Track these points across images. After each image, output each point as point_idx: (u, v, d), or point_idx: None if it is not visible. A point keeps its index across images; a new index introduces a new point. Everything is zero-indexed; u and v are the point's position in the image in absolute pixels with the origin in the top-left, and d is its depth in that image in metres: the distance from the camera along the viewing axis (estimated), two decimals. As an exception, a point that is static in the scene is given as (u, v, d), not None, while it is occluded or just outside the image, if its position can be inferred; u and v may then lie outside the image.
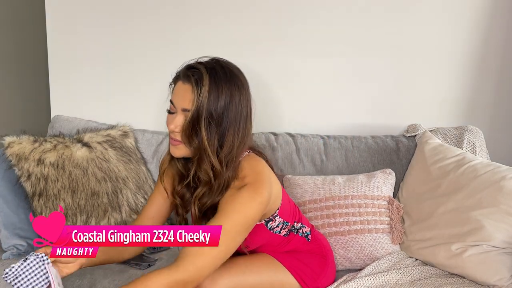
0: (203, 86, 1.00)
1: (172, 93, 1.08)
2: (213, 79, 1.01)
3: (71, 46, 1.92)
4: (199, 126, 1.00)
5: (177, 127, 1.03)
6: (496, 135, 1.75)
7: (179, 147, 1.05)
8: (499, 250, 1.24)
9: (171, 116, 1.06)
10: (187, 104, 1.01)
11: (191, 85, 1.01)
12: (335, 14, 1.74)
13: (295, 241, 1.24)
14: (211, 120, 1.00)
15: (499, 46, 1.69)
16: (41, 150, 1.45)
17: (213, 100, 1.00)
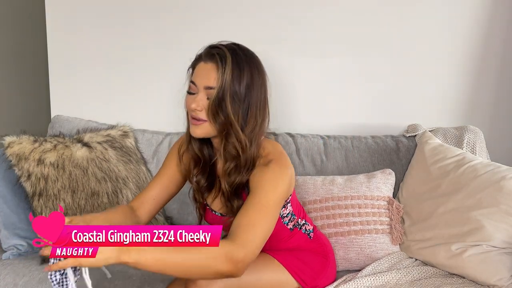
0: (227, 64, 1.03)
1: (192, 76, 1.10)
2: (235, 59, 1.04)
3: (71, 46, 1.92)
4: (225, 102, 1.02)
5: (199, 105, 1.05)
6: (496, 135, 1.75)
7: (201, 126, 1.07)
8: (499, 250, 1.24)
9: (191, 96, 1.08)
10: (211, 82, 1.03)
11: (215, 64, 1.04)
12: (335, 14, 1.74)
13: (298, 237, 1.25)
14: (235, 96, 1.03)
15: (499, 46, 1.69)
16: (41, 150, 1.46)
17: (236, 78, 1.03)
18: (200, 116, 1.06)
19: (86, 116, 1.91)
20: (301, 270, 1.17)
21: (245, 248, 0.91)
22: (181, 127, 1.90)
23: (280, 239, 1.22)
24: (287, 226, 1.22)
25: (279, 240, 1.22)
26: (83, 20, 1.89)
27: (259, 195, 1.00)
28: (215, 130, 1.06)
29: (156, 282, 1.31)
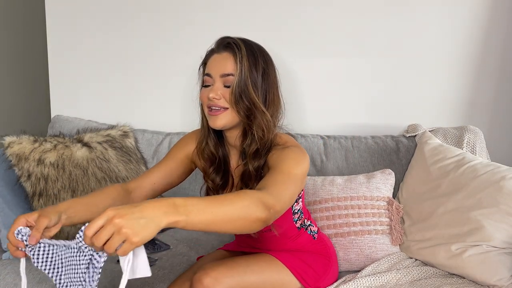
0: (243, 51, 1.05)
1: (205, 70, 1.11)
2: (248, 47, 1.08)
3: (71, 46, 1.92)
4: (247, 86, 1.04)
5: (217, 94, 1.05)
6: (496, 135, 1.75)
7: (221, 116, 1.07)
8: (499, 250, 1.24)
9: (207, 89, 1.08)
10: (228, 69, 1.05)
11: (230, 52, 1.06)
12: (335, 14, 1.74)
13: (303, 238, 1.26)
14: (254, 82, 1.06)
15: (499, 46, 1.69)
16: (41, 150, 1.46)
17: (252, 65, 1.06)
18: (220, 104, 1.06)
19: (86, 116, 1.91)
20: (304, 271, 1.18)
21: (274, 197, 0.89)
22: (181, 127, 1.91)
23: (288, 237, 1.23)
24: (296, 224, 1.23)
25: (287, 238, 1.23)
26: (83, 20, 1.89)
27: (282, 167, 0.99)
28: (236, 116, 1.07)
29: (156, 282, 1.31)
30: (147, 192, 1.16)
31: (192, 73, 1.87)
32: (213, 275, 1.02)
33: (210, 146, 1.16)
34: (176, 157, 1.21)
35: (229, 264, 1.08)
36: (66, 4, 1.89)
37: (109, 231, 0.65)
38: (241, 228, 0.83)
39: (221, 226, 0.79)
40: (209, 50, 1.13)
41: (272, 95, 1.10)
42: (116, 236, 0.65)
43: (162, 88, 1.91)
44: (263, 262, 1.14)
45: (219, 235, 1.65)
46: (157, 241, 1.56)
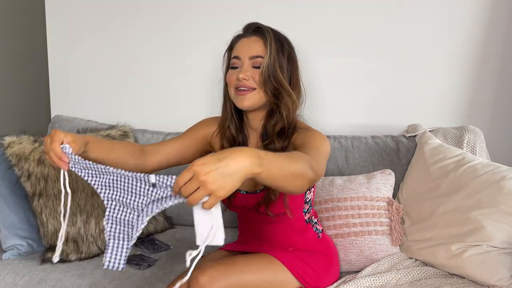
0: (270, 35, 1.12)
1: (233, 52, 1.17)
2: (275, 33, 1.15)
3: (71, 46, 1.92)
4: (274, 68, 1.11)
5: (246, 75, 1.11)
6: (496, 135, 1.75)
7: (248, 96, 1.12)
8: (499, 250, 1.24)
9: (235, 70, 1.15)
10: (257, 51, 1.12)
11: (258, 36, 1.13)
12: (335, 13, 1.74)
13: (309, 234, 1.28)
14: (281, 65, 1.13)
15: (499, 46, 1.69)
16: (41, 150, 1.45)
17: (279, 49, 1.13)
18: (248, 84, 1.12)
19: (86, 116, 1.91)
20: (303, 270, 1.18)
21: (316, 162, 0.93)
22: (181, 127, 1.91)
23: (295, 230, 1.25)
24: (304, 217, 1.26)
25: (294, 231, 1.25)
26: (83, 20, 1.89)
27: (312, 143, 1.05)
28: (263, 97, 1.13)
29: (156, 282, 1.31)
30: (161, 160, 1.19)
31: (192, 73, 1.88)
32: (209, 274, 1.02)
33: (232, 129, 1.20)
34: (195, 135, 1.26)
35: (226, 263, 1.08)
36: (66, 4, 1.89)
37: (195, 185, 0.71)
38: (299, 185, 0.86)
39: (286, 182, 0.82)
40: (236, 35, 1.20)
41: (295, 79, 1.17)
42: (202, 190, 0.70)
43: (162, 88, 1.91)
44: (261, 262, 1.14)
45: (219, 235, 1.65)
46: (157, 241, 1.56)
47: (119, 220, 0.88)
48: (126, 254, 0.89)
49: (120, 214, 0.88)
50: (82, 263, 1.40)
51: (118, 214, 0.88)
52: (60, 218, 1.42)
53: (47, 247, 1.43)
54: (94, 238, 1.45)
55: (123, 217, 0.88)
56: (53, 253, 1.39)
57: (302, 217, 1.26)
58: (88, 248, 1.43)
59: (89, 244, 1.44)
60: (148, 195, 0.83)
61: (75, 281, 1.29)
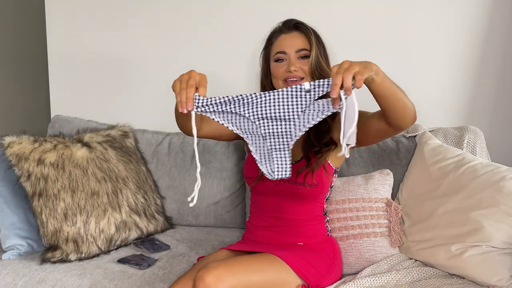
0: (308, 29, 1.27)
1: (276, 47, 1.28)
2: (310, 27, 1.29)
3: (71, 46, 1.92)
4: (319, 59, 1.25)
5: (296, 66, 1.24)
6: (496, 135, 1.75)
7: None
8: (499, 250, 1.24)
9: (282, 63, 1.27)
10: (302, 44, 1.26)
11: (299, 32, 1.27)
12: (335, 13, 1.74)
13: (319, 229, 1.33)
14: (322, 56, 1.28)
15: (499, 46, 1.69)
16: (41, 150, 1.45)
17: (319, 42, 1.28)
18: (298, 74, 1.24)
19: (86, 116, 1.91)
20: (305, 268, 1.19)
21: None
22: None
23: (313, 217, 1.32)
24: (324, 205, 1.35)
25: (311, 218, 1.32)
26: (83, 21, 1.89)
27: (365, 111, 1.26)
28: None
29: (156, 282, 1.31)
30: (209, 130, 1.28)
31: (192, 73, 1.88)
32: (215, 273, 1.03)
33: None
34: None
35: (231, 262, 1.09)
36: (66, 4, 1.89)
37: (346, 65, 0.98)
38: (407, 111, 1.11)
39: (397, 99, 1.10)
40: (273, 32, 1.31)
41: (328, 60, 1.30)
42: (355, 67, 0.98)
43: (162, 88, 1.91)
44: (265, 261, 1.15)
45: (219, 236, 1.65)
46: (157, 241, 1.56)
47: (277, 134, 1.00)
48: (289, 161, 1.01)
49: (277, 128, 0.99)
50: (82, 263, 1.40)
51: (274, 128, 0.99)
52: (59, 217, 1.42)
53: (47, 247, 1.43)
54: (94, 238, 1.45)
55: (280, 129, 0.99)
56: (53, 253, 1.40)
57: (322, 204, 1.34)
58: (88, 248, 1.43)
59: (89, 244, 1.44)
60: (303, 102, 0.97)
61: (75, 281, 1.29)
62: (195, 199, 1.00)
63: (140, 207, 1.61)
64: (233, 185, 1.73)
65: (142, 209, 1.61)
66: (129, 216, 1.56)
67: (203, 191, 1.71)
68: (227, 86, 1.86)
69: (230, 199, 1.73)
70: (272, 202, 1.31)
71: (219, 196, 1.72)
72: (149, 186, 1.69)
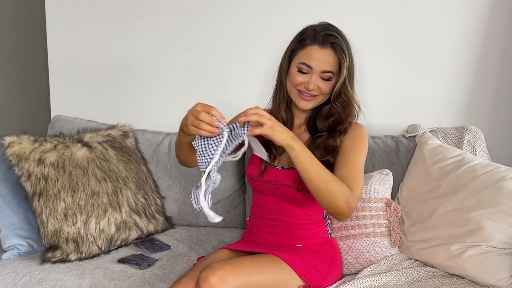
0: (344, 52, 1.18)
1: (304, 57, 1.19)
2: (346, 43, 1.21)
3: (71, 46, 1.92)
4: (346, 86, 1.20)
5: (315, 86, 1.19)
6: (496, 135, 1.75)
7: (313, 101, 1.23)
8: (499, 250, 1.24)
9: (303, 76, 1.20)
10: (328, 66, 1.18)
11: (332, 50, 1.18)
12: (335, 13, 1.74)
13: (320, 231, 1.32)
14: (350, 78, 1.21)
15: (499, 46, 1.70)
16: (41, 150, 1.46)
17: (349, 61, 1.20)
18: (314, 93, 1.21)
19: (86, 116, 1.91)
20: (306, 270, 1.19)
21: (356, 198, 1.12)
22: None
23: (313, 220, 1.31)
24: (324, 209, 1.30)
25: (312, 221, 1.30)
26: (83, 20, 1.89)
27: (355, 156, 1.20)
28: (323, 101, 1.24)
29: (156, 282, 1.31)
30: None
31: (193, 72, 1.88)
32: (219, 274, 1.04)
33: (282, 112, 1.30)
34: None
35: (234, 263, 1.10)
36: (66, 4, 1.89)
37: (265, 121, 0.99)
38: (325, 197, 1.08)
39: (315, 180, 1.06)
40: (305, 37, 1.20)
41: (354, 80, 1.25)
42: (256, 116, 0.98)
43: (162, 88, 1.91)
44: (267, 262, 1.16)
45: (219, 236, 1.65)
46: (157, 241, 1.56)
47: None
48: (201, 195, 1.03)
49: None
50: (82, 263, 1.40)
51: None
52: (59, 217, 1.42)
53: (47, 247, 1.43)
54: (94, 238, 1.45)
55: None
56: (53, 253, 1.40)
57: (322, 209, 1.32)
58: (88, 248, 1.43)
59: (89, 244, 1.44)
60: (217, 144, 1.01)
61: (75, 281, 1.29)
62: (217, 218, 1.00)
63: (140, 207, 1.61)
64: (233, 185, 1.73)
65: (142, 209, 1.61)
66: (129, 216, 1.56)
67: (203, 191, 1.71)
68: (227, 86, 1.86)
69: (230, 199, 1.73)
70: (272, 203, 1.31)
71: (219, 196, 1.72)
72: (149, 186, 1.69)
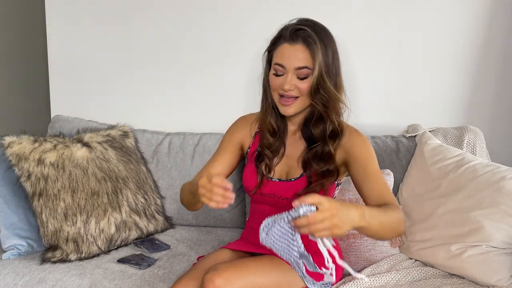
0: (316, 43, 1.08)
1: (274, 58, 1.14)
2: (318, 35, 1.09)
3: (71, 46, 1.92)
4: (323, 80, 1.09)
5: (292, 85, 1.10)
6: (496, 135, 1.75)
7: (293, 105, 1.14)
8: (499, 250, 1.24)
9: (279, 78, 1.13)
10: (302, 62, 1.09)
11: (302, 44, 1.08)
12: (335, 13, 1.74)
13: None
14: (328, 70, 1.10)
15: (499, 46, 1.69)
16: (41, 150, 1.46)
17: (324, 53, 1.09)
18: (293, 94, 1.12)
19: (86, 116, 1.91)
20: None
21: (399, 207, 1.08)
22: (181, 127, 1.91)
23: None
24: None
25: None
26: (83, 20, 1.89)
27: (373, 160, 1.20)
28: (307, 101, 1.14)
29: (156, 282, 1.31)
30: None
31: (191, 73, 1.88)
32: (225, 276, 1.04)
33: (272, 121, 1.23)
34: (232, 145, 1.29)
35: (239, 265, 1.10)
36: (66, 5, 1.89)
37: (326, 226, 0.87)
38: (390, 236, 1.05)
39: (382, 233, 1.01)
40: (277, 37, 1.14)
41: (340, 76, 1.15)
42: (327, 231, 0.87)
43: (162, 88, 1.91)
44: (270, 264, 1.16)
45: (218, 235, 1.65)
46: (157, 241, 1.56)
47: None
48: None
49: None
50: (82, 263, 1.40)
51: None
52: (59, 217, 1.42)
53: (47, 247, 1.43)
54: (94, 238, 1.45)
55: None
56: (53, 253, 1.40)
57: None
58: (88, 248, 1.43)
59: (89, 244, 1.44)
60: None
61: (75, 281, 1.29)
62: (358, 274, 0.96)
63: (140, 207, 1.61)
64: (233, 185, 1.73)
65: (142, 209, 1.61)
66: (129, 216, 1.56)
67: (203, 191, 1.71)
68: (226, 87, 1.86)
69: (230, 199, 1.73)
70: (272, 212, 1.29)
71: (219, 196, 1.72)
72: (149, 186, 1.69)
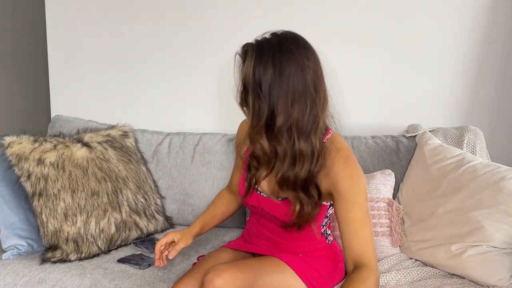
0: (248, 59, 1.03)
1: None
2: (259, 52, 1.02)
3: (71, 46, 1.92)
4: (247, 97, 1.04)
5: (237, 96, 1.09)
6: (496, 135, 1.75)
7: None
8: (499, 250, 1.24)
9: None
10: (238, 76, 1.07)
11: (242, 59, 1.06)
12: (335, 13, 1.74)
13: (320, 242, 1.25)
14: (259, 91, 1.01)
15: (499, 46, 1.69)
16: (41, 150, 1.46)
17: (259, 72, 1.00)
18: None
19: (86, 116, 1.91)
20: (310, 274, 1.19)
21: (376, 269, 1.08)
22: (181, 127, 1.91)
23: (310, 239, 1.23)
24: (321, 229, 1.23)
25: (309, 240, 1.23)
26: (83, 20, 1.89)
27: (360, 204, 1.07)
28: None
29: (156, 282, 1.31)
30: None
31: (192, 73, 1.88)
32: (225, 277, 1.04)
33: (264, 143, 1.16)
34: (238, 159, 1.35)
35: (240, 266, 1.10)
36: (66, 4, 1.89)
37: None
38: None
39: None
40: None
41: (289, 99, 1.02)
42: None
43: (162, 88, 1.91)
44: (271, 265, 1.16)
45: (218, 235, 1.65)
46: (157, 241, 1.56)
47: None
48: None
49: None
50: (82, 263, 1.40)
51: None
52: (59, 217, 1.42)
53: (47, 247, 1.43)
54: (94, 238, 1.45)
55: None
56: (53, 253, 1.40)
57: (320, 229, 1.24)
58: (88, 248, 1.43)
59: (89, 244, 1.44)
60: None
61: (75, 281, 1.29)
62: None
63: (140, 207, 1.61)
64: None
65: (142, 209, 1.61)
66: (129, 216, 1.56)
67: (203, 191, 1.71)
68: (226, 87, 1.86)
69: (230, 199, 1.73)
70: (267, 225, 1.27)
71: (219, 196, 1.72)
72: (149, 186, 1.69)
